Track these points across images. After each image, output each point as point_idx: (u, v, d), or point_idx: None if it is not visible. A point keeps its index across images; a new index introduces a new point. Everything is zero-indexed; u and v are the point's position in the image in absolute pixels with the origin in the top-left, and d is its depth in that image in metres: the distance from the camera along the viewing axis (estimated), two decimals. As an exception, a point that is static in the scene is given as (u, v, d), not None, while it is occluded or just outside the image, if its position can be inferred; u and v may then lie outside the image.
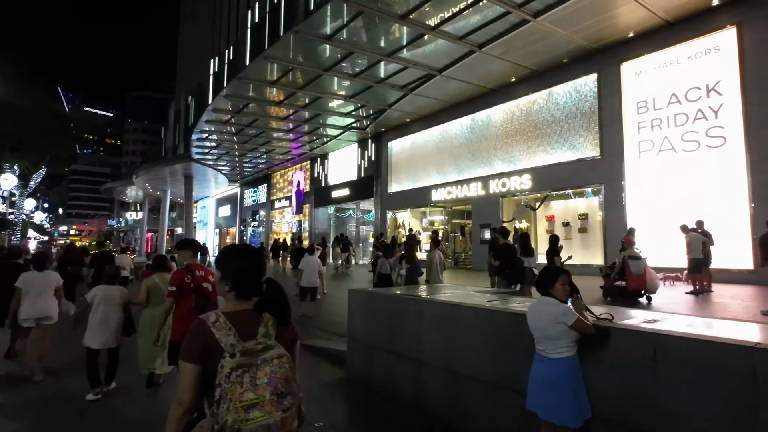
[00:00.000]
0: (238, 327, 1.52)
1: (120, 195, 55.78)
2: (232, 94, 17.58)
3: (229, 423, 1.36)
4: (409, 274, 7.47)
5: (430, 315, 3.68)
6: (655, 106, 12.61)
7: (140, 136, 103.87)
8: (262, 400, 1.39)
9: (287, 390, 1.46)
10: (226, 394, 1.37)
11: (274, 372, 1.44)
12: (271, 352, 1.47)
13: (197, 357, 1.48)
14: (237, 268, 1.65)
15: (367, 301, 4.51)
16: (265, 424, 1.39)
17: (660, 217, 12.23)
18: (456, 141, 18.86)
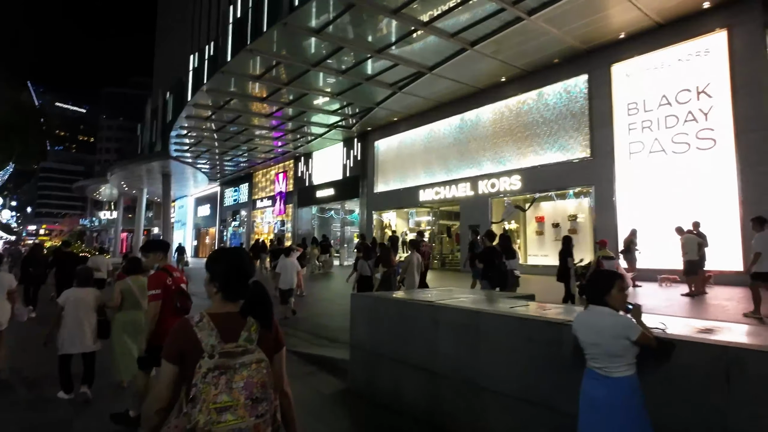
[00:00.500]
0: (221, 328, 1.51)
1: (93, 193, 53.82)
2: (214, 88, 16.95)
3: (200, 424, 1.34)
4: (385, 277, 7.28)
5: (448, 322, 3.35)
6: (645, 107, 12.62)
7: (115, 133, 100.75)
8: (236, 403, 1.38)
9: (263, 396, 1.44)
10: (200, 395, 1.36)
11: (251, 376, 1.42)
12: (251, 357, 1.46)
13: (176, 357, 1.48)
14: (226, 269, 1.65)
15: (372, 306, 4.15)
16: (236, 428, 1.37)
17: (650, 218, 12.23)
18: (444, 141, 18.65)
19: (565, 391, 2.60)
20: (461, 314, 3.25)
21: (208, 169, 32.83)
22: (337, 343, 6.63)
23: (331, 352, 5.92)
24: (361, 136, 22.92)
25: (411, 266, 7.45)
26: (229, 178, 36.19)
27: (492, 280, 6.83)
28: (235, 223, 35.98)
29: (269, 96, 17.88)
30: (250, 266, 1.69)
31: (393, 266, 7.49)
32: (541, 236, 15.60)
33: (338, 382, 4.78)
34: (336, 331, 7.42)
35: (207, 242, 42.56)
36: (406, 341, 3.76)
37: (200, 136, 23.92)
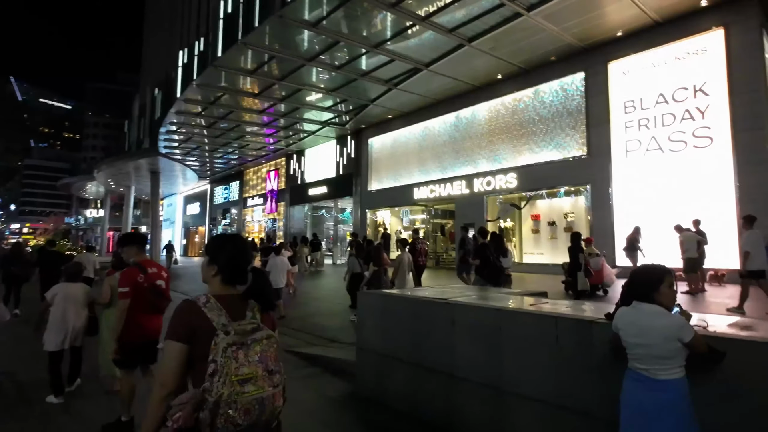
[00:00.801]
0: (228, 309, 1.57)
1: (79, 191, 52.79)
2: (205, 83, 16.60)
3: (224, 396, 1.38)
4: (374, 276, 7.19)
5: (467, 322, 3.17)
6: (642, 105, 12.60)
7: (101, 130, 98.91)
8: (256, 375, 1.44)
9: (277, 368, 1.52)
10: (222, 369, 1.40)
11: (264, 350, 1.49)
12: (261, 333, 1.53)
13: (186, 336, 1.50)
14: (227, 255, 1.70)
15: (383, 305, 3.96)
16: (258, 397, 1.43)
17: (647, 216, 12.20)
18: (439, 139, 18.51)
19: (601, 394, 2.45)
20: (482, 313, 3.08)
21: (198, 166, 32.33)
22: (337, 343, 6.44)
23: (333, 352, 5.72)
24: (355, 133, 22.69)
25: (402, 265, 7.37)
26: (219, 175, 35.69)
27: (485, 277, 6.84)
28: (226, 221, 35.49)
29: (262, 92, 17.58)
30: (249, 253, 1.76)
31: (383, 264, 7.40)
32: (536, 234, 15.55)
33: (344, 385, 4.59)
34: (335, 331, 7.23)
35: (196, 241, 41.94)
36: (421, 342, 3.58)
37: (190, 133, 23.50)
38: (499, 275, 6.92)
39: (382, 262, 7.32)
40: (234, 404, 1.39)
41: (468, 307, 3.21)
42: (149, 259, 3.71)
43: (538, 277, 13.53)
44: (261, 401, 1.44)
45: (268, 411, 1.47)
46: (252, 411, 1.42)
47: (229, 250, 1.71)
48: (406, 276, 7.43)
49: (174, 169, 31.74)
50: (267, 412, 1.46)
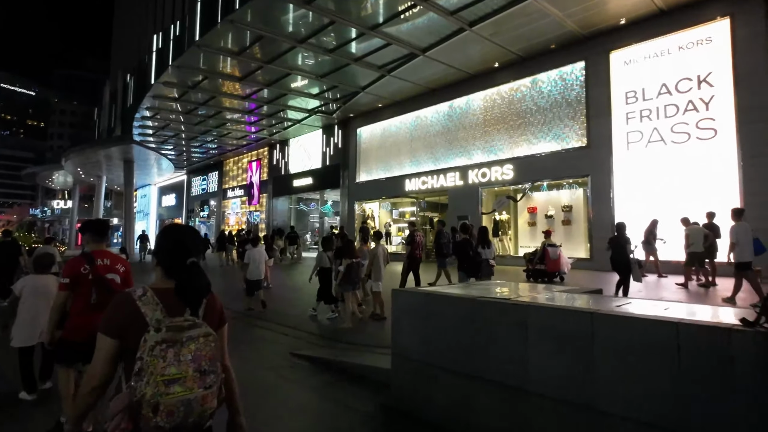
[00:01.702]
0: (165, 303, 1.49)
1: (45, 181, 50.14)
2: (185, 65, 15.55)
3: (147, 396, 1.32)
4: (348, 270, 6.95)
5: (546, 327, 2.63)
6: (644, 96, 12.35)
7: (68, 117, 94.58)
8: (184, 375, 1.37)
9: (211, 368, 1.44)
10: (147, 368, 1.34)
11: (199, 349, 1.42)
12: (198, 330, 1.44)
13: (117, 331, 1.45)
14: (162, 245, 1.64)
15: (425, 306, 3.38)
16: (185, 399, 1.36)
17: (648, 209, 11.97)
18: (432, 129, 17.98)
19: (751, 423, 1.95)
20: (569, 317, 2.54)
21: (174, 155, 30.95)
22: (343, 344, 5.85)
23: (346, 355, 5.13)
24: (342, 122, 21.93)
25: (377, 258, 7.15)
26: (197, 165, 34.32)
27: (467, 270, 7.01)
28: (204, 213, 34.18)
29: (245, 77, 16.64)
30: (193, 245, 1.63)
31: (356, 258, 7.14)
32: (533, 227, 15.23)
33: (368, 395, 3.99)
34: (331, 329, 6.63)
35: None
36: (477, 349, 3.03)
37: (166, 120, 22.27)
38: (479, 268, 7.09)
39: (353, 256, 7.06)
40: (156, 405, 1.33)
41: (549, 309, 2.67)
42: (105, 250, 3.36)
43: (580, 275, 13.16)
44: (188, 403, 1.37)
45: (196, 413, 1.39)
46: (176, 413, 1.35)
47: (167, 240, 1.64)
48: (381, 269, 7.24)
49: (149, 158, 30.29)
50: (195, 414, 1.39)
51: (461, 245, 7.13)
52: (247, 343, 6.59)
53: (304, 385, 4.23)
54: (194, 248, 1.62)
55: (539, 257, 10.81)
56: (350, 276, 6.87)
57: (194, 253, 1.60)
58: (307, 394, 4.03)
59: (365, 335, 6.20)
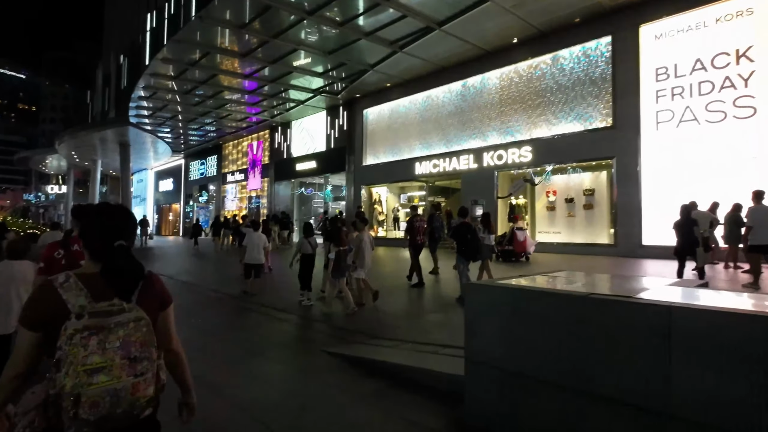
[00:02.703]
0: (92, 288, 1.39)
1: (38, 165, 48.96)
2: (185, 39, 14.64)
3: (67, 388, 1.25)
4: (338, 257, 6.92)
5: (701, 336, 2.02)
6: (676, 72, 11.63)
7: (60, 101, 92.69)
8: (110, 364, 1.29)
9: (143, 355, 1.36)
10: (66, 357, 1.26)
11: (128, 335, 1.34)
12: (128, 315, 1.36)
13: (36, 324, 1.37)
14: (89, 226, 1.52)
15: (514, 303, 2.76)
16: (111, 388, 1.29)
17: (679, 193, 11.34)
18: (444, 109, 17.21)
19: None
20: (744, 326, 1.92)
21: (171, 138, 29.96)
22: (379, 340, 5.24)
23: (392, 355, 4.52)
24: (348, 103, 21.07)
25: (362, 245, 7.00)
26: (195, 149, 33.37)
27: (465, 254, 7.07)
28: (203, 198, 33.35)
29: (249, 53, 15.76)
30: (122, 226, 1.51)
31: (345, 245, 7.08)
32: (552, 212, 14.62)
33: (434, 408, 3.35)
34: (368, 323, 6.03)
35: (170, 219, 39.61)
36: (590, 359, 2.41)
37: (163, 100, 21.31)
38: (477, 252, 7.22)
39: (342, 243, 7.03)
40: (77, 397, 1.24)
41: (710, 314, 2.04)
42: None
43: (552, 258, 12.64)
44: (114, 393, 1.28)
45: (126, 402, 1.30)
46: (101, 404, 1.26)
47: (93, 221, 1.51)
48: (366, 257, 7.11)
49: (145, 141, 29.28)
50: (124, 404, 1.30)
51: (459, 229, 7.16)
52: (265, 337, 5.98)
53: (353, 395, 3.61)
54: (124, 230, 1.50)
55: (508, 239, 11.75)
56: (340, 264, 6.88)
57: (124, 235, 1.48)
58: (362, 408, 3.42)
59: (388, 328, 5.62)
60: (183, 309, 7.83)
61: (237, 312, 7.57)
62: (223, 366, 4.47)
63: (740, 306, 2.30)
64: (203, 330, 6.27)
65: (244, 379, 4.04)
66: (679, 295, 2.57)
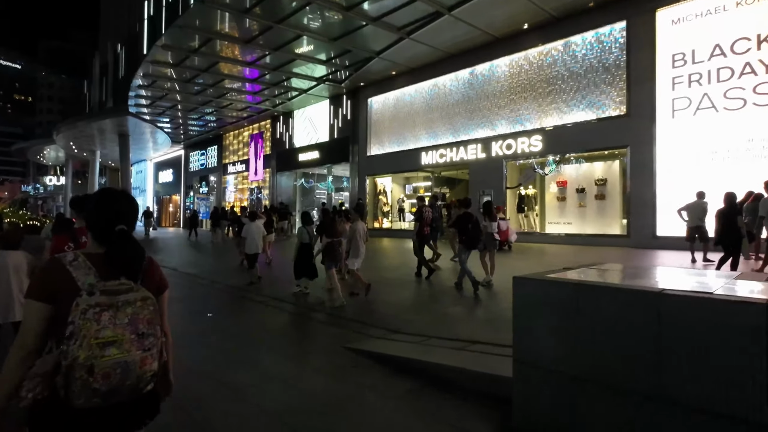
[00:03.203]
0: (99, 268, 1.45)
1: (36, 156, 48.46)
2: (187, 25, 14.22)
3: (81, 359, 1.29)
4: (328, 248, 6.90)
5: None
6: (694, 59, 11.31)
7: (57, 92, 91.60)
8: (121, 338, 1.35)
9: (150, 331, 1.42)
10: (79, 331, 1.31)
11: (136, 313, 1.39)
12: (135, 294, 1.42)
13: (47, 295, 1.40)
14: (91, 209, 1.57)
15: (573, 300, 2.50)
16: (122, 360, 1.34)
17: (695, 184, 11.08)
18: (451, 98, 16.85)
19: None
20: None
21: (171, 129, 29.52)
22: (400, 335, 5.01)
23: (419, 352, 4.28)
24: (352, 92, 20.67)
25: (356, 235, 7.05)
26: (195, 140, 32.94)
27: (466, 243, 7.19)
28: (203, 189, 33.01)
29: (249, 41, 15.34)
30: (124, 212, 1.55)
31: (337, 235, 7.08)
32: (562, 202, 14.36)
33: (477, 412, 3.09)
34: (382, 316, 5.79)
35: (170, 210, 39.28)
36: (672, 364, 2.16)
37: (162, 88, 20.85)
38: (477, 240, 7.29)
39: (335, 234, 7.01)
40: (91, 368, 1.29)
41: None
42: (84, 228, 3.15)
43: (562, 249, 12.42)
44: (125, 365, 1.34)
45: (134, 375, 1.36)
46: (112, 375, 1.32)
47: (96, 206, 1.55)
48: (360, 247, 7.12)
49: (144, 131, 28.87)
50: (133, 377, 1.36)
51: (460, 218, 7.30)
52: (278, 332, 5.75)
53: (388, 396, 3.37)
54: (126, 215, 1.54)
55: None
56: (331, 254, 6.86)
57: (125, 220, 1.53)
58: (398, 410, 3.18)
59: (405, 322, 5.39)
60: (188, 301, 7.59)
61: (243, 304, 7.33)
62: (240, 366, 4.23)
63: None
64: (210, 323, 6.03)
65: (265, 379, 3.81)
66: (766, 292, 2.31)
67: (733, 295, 2.12)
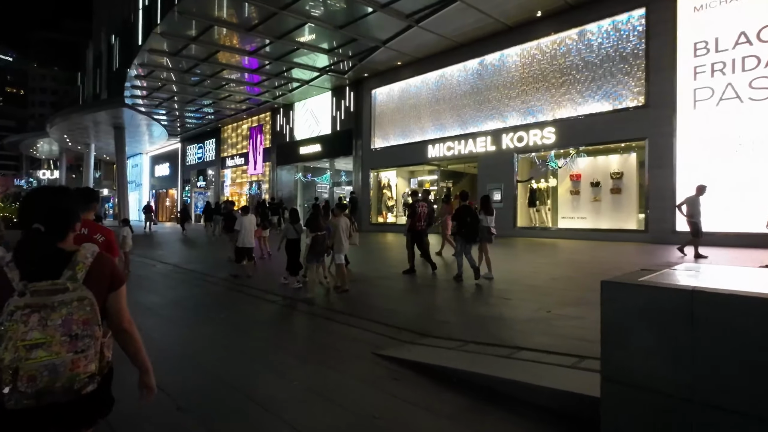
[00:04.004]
0: (22, 268, 1.42)
1: (29, 150, 47.58)
2: (186, 11, 13.62)
3: (6, 361, 1.30)
4: (314, 242, 7.01)
5: None
6: (717, 47, 10.88)
7: (49, 84, 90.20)
8: (50, 340, 1.34)
9: (85, 332, 1.40)
10: (5, 333, 1.31)
11: (70, 314, 1.38)
12: (71, 295, 1.40)
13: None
14: (20, 208, 1.61)
15: (686, 307, 2.06)
16: (50, 363, 1.33)
17: (718, 177, 10.73)
18: (459, 89, 16.37)
19: None
20: None
21: (168, 121, 28.84)
22: (434, 339, 4.57)
23: (468, 362, 3.81)
24: (355, 83, 20.13)
25: (338, 230, 7.08)
26: (192, 133, 32.26)
27: (465, 236, 7.33)
28: (201, 183, 32.39)
29: (251, 29, 14.76)
30: (39, 209, 1.52)
31: (321, 230, 7.12)
32: (576, 196, 13.95)
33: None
34: (409, 318, 5.36)
35: (167, 205, 38.63)
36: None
37: (159, 79, 20.19)
38: (476, 234, 7.42)
39: (318, 228, 7.11)
40: (16, 370, 1.30)
41: None
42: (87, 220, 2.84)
43: (576, 245, 12.03)
44: (53, 367, 1.33)
45: (65, 377, 1.35)
46: (38, 378, 1.32)
47: (22, 203, 1.60)
48: (342, 242, 7.14)
49: (140, 124, 28.24)
50: (63, 378, 1.35)
51: (460, 212, 7.48)
52: (298, 334, 5.31)
53: (442, 415, 2.93)
54: (39, 213, 1.50)
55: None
56: (314, 248, 6.99)
57: (39, 218, 1.47)
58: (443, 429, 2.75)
59: (435, 323, 4.97)
60: (187, 301, 7.13)
61: (253, 301, 6.87)
62: (267, 375, 3.79)
63: None
64: (223, 326, 5.57)
65: (298, 393, 3.37)
66: None
67: None
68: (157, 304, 6.93)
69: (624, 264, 8.71)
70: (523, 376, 3.29)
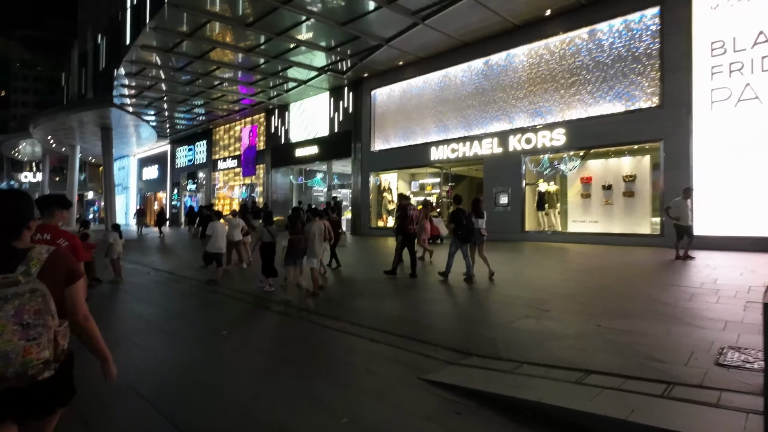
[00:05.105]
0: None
1: (11, 151, 45.99)
2: (183, 4, 12.97)
3: None
4: (291, 245, 7.14)
5: None
6: (735, 46, 10.62)
7: (32, 84, 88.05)
8: (2, 329, 1.40)
9: (37, 322, 1.47)
10: None
11: (23, 305, 1.45)
12: (23, 287, 1.47)
13: None
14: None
15: None
16: (1, 350, 1.39)
17: (736, 179, 10.44)
18: (463, 90, 15.94)
19: None
20: None
21: (157, 122, 27.95)
22: (482, 359, 4.05)
23: (540, 391, 3.28)
24: (354, 84, 19.61)
25: (312, 235, 7.15)
26: (182, 134, 31.36)
27: (460, 237, 7.62)
28: (191, 186, 31.49)
29: (249, 25, 14.15)
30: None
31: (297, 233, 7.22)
32: (587, 199, 13.58)
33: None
34: (442, 334, 4.85)
35: (155, 208, 37.52)
36: None
37: (148, 77, 19.40)
38: (472, 235, 7.67)
39: (297, 232, 7.21)
40: None
41: None
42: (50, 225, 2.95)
43: (587, 249, 11.65)
44: (5, 354, 1.40)
45: (17, 363, 1.42)
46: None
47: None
48: (316, 246, 7.15)
49: (128, 124, 27.31)
50: (15, 365, 1.42)
51: (455, 214, 7.72)
52: (331, 354, 4.73)
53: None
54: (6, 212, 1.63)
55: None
56: (291, 251, 7.10)
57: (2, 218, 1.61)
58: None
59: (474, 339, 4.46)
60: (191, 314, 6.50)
61: (262, 313, 6.27)
62: (307, 408, 3.22)
63: None
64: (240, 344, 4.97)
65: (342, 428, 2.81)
66: None
67: None
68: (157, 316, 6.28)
69: (653, 271, 8.31)
70: (616, 411, 2.77)
